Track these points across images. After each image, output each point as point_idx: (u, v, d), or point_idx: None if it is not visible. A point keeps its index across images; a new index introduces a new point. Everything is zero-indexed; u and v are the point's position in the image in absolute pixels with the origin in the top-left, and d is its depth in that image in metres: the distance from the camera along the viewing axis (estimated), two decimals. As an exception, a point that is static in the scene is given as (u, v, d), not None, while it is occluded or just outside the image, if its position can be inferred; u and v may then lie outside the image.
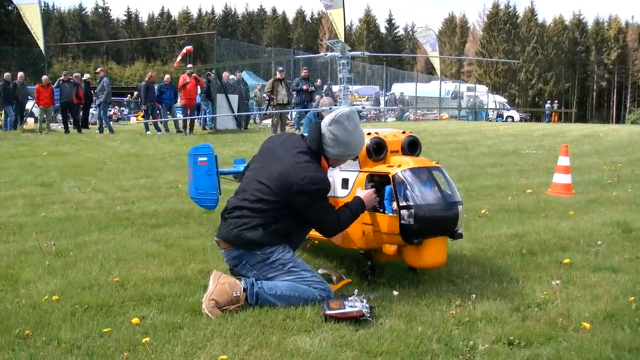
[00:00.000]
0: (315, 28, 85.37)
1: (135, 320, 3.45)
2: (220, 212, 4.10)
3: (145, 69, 63.30)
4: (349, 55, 4.95)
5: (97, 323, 3.43)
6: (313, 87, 20.80)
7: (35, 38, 25.21)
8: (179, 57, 38.89)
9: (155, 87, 20.39)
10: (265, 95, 22.67)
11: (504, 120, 44.95)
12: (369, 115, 32.98)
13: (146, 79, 21.05)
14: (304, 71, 20.58)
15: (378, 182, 4.18)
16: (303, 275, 3.78)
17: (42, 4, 27.03)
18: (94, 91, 19.76)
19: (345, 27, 27.17)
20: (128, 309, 3.68)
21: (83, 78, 21.94)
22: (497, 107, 47.53)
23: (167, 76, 21.41)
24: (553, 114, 46.50)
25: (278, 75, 19.28)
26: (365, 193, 4.04)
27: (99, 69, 21.85)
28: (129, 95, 38.78)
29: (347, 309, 3.45)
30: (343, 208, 3.98)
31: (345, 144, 3.91)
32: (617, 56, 74.79)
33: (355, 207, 3.96)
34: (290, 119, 23.44)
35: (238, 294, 3.68)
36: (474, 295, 3.84)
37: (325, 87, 28.59)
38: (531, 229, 5.93)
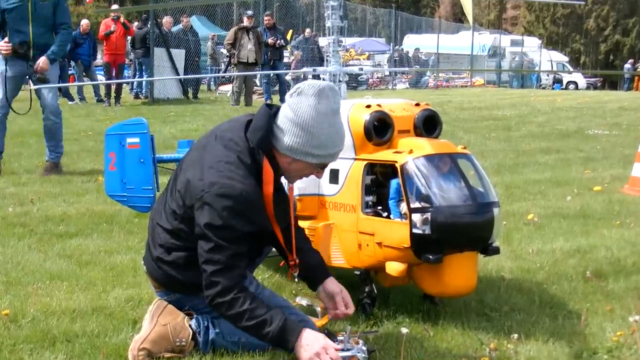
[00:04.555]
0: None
1: (33, 369, 3.44)
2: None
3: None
4: (341, -6, 4.95)
5: (-23, 374, 3.42)
6: (282, 41, 20.75)
7: None
8: None
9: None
10: (224, 50, 22.55)
11: (564, 87, 45.22)
12: (371, 80, 33.04)
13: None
14: (267, 18, 20.51)
15: (381, 174, 4.19)
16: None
17: None
18: None
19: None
20: (22, 354, 3.65)
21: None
22: (554, 68, 47.76)
23: (84, 21, 21.28)
24: (635, 78, 46.71)
25: (245, 23, 19.15)
26: (311, 338, 3.36)
27: None
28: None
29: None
30: (257, 305, 3.36)
31: (307, 130, 3.38)
32: None
33: (275, 329, 3.33)
34: (258, 85, 23.39)
35: (184, 343, 3.58)
36: (515, 335, 3.85)
37: (307, 37, 28.43)
38: (600, 242, 5.97)
